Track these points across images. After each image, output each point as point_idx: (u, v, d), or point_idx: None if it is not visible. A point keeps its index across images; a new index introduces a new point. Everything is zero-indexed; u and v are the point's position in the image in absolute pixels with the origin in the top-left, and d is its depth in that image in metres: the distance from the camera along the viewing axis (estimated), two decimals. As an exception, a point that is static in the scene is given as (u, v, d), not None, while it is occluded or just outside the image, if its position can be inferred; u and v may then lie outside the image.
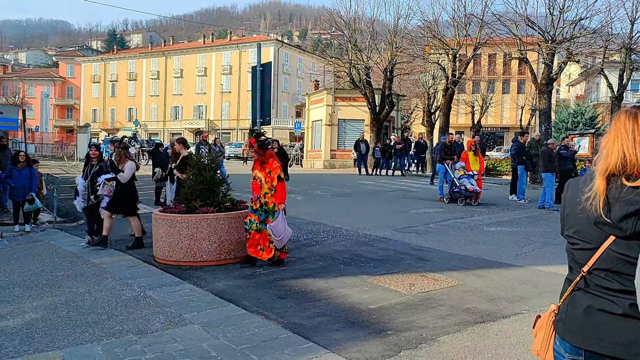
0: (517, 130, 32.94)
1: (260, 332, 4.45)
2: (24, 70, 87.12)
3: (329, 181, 19.67)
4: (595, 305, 1.64)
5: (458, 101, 39.75)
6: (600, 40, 20.57)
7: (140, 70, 71.28)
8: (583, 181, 1.73)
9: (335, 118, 28.78)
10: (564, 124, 33.65)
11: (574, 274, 1.73)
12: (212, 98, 65.62)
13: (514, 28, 19.88)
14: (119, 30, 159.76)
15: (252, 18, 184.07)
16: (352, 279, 6.19)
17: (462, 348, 4.13)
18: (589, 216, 1.63)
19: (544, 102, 19.38)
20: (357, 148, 23.42)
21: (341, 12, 28.68)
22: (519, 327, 4.52)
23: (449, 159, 13.85)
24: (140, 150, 33.94)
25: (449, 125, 24.71)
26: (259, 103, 8.16)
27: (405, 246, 8.08)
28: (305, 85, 60.33)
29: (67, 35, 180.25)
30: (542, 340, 1.81)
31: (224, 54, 65.98)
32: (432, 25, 24.33)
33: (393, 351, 4.06)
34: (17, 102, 58.51)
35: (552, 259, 7.15)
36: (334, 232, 9.26)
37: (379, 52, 27.37)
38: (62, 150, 41.01)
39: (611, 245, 1.59)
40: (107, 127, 70.81)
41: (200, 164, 7.37)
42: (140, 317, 4.82)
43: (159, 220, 7.17)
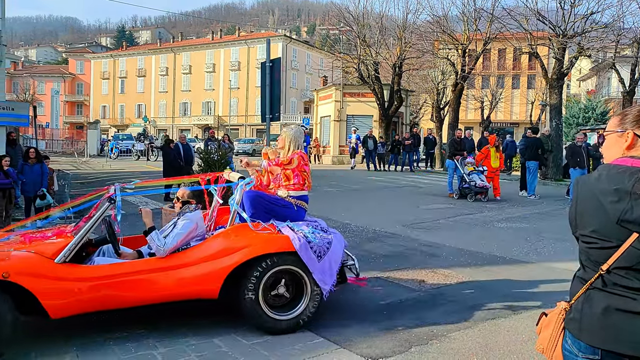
0: (527, 125, 32.73)
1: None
2: (34, 67, 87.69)
3: (337, 177, 19.65)
4: (613, 304, 1.61)
5: (467, 97, 39.53)
6: (612, 34, 20.36)
7: (149, 66, 71.51)
8: (597, 178, 1.69)
9: (343, 114, 28.71)
10: (575, 119, 33.43)
11: (589, 273, 1.70)
12: (221, 94, 65.72)
13: (524, 22, 19.70)
14: (128, 26, 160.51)
15: (260, 14, 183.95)
16: (362, 274, 6.17)
17: (473, 344, 4.11)
18: (609, 214, 1.60)
19: (555, 97, 19.22)
20: (365, 144, 23.40)
21: (350, 8, 28.60)
22: (530, 324, 4.49)
23: (459, 155, 13.79)
24: (149, 146, 34.13)
25: (458, 120, 24.59)
26: (268, 99, 8.15)
27: (415, 242, 8.06)
28: (313, 81, 60.25)
29: (77, 32, 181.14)
30: (549, 338, 1.79)
31: (233, 50, 66.02)
32: (441, 20, 24.18)
33: (404, 347, 4.05)
34: (27, 98, 58.95)
35: (563, 255, 7.10)
36: (343, 227, 9.25)
37: (388, 47, 27.24)
38: (72, 147, 41.26)
39: (634, 243, 1.56)
40: (117, 124, 71.19)
41: (210, 160, 7.39)
42: (150, 311, 4.84)
43: (169, 216, 7.18)
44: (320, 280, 4.36)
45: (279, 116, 8.34)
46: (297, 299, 4.40)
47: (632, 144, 1.71)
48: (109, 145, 37.30)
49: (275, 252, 4.25)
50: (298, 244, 4.24)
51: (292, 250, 4.24)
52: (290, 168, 4.67)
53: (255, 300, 4.18)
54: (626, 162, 1.66)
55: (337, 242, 4.61)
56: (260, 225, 4.41)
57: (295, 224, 4.53)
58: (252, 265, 4.18)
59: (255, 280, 4.17)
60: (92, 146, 38.31)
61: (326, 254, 4.40)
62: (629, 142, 1.71)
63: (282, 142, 4.89)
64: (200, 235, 4.64)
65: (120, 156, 35.40)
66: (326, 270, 4.41)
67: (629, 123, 1.73)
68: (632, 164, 1.64)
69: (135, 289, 4.08)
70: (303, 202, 4.78)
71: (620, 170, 1.64)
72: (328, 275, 4.42)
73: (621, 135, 1.74)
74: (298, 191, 4.71)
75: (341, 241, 4.74)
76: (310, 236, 4.37)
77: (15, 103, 20.65)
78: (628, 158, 1.68)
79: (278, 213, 4.63)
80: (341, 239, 4.77)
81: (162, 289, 4.15)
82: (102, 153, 37.98)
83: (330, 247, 4.45)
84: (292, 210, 4.65)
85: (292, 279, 4.39)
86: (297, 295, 4.42)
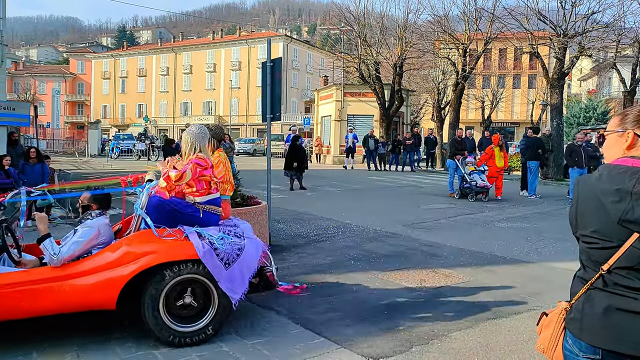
0: (527, 125, 32.73)
1: (271, 327, 4.46)
2: (35, 67, 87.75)
3: (338, 177, 19.65)
4: (614, 304, 1.61)
5: (468, 96, 39.56)
6: (613, 34, 20.34)
7: (150, 66, 71.53)
8: (597, 178, 1.69)
9: (344, 114, 28.71)
10: (576, 119, 33.42)
11: (589, 273, 1.70)
12: (222, 94, 65.74)
13: (525, 22, 19.69)
14: (128, 26, 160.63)
15: (261, 14, 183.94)
16: (363, 274, 6.18)
17: (473, 344, 4.11)
18: (610, 214, 1.60)
19: (556, 97, 19.22)
20: (365, 144, 23.38)
21: (350, 7, 28.64)
22: (531, 324, 4.49)
23: (460, 155, 13.79)
24: (150, 146, 34.14)
25: (459, 120, 24.59)
26: (269, 99, 8.14)
27: (415, 242, 8.06)
28: (314, 81, 60.24)
29: (78, 32, 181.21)
30: (549, 338, 1.79)
31: (233, 49, 66.03)
32: (442, 20, 24.19)
33: (404, 347, 4.05)
34: (28, 98, 58.99)
35: (563, 255, 7.10)
36: (343, 227, 9.26)
37: (389, 47, 27.24)
38: (73, 147, 41.28)
39: (635, 242, 1.56)
40: (118, 123, 71.22)
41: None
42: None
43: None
44: (228, 289, 4.08)
45: (279, 116, 8.33)
46: (207, 309, 4.16)
47: (633, 144, 1.71)
48: (109, 145, 37.29)
49: (178, 260, 4.00)
50: (202, 251, 3.99)
51: (197, 258, 3.99)
52: (182, 183, 4.26)
53: (155, 310, 3.95)
54: (627, 162, 1.66)
55: (251, 248, 4.33)
56: (165, 231, 4.11)
57: (205, 229, 4.22)
58: (155, 273, 3.96)
59: (155, 290, 3.94)
60: (93, 146, 38.31)
61: (236, 261, 4.14)
62: (630, 142, 1.71)
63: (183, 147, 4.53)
64: (106, 242, 4.30)
65: (121, 156, 35.41)
66: (236, 278, 4.14)
67: (629, 123, 1.73)
68: (632, 164, 1.64)
69: (25, 299, 3.83)
70: (212, 206, 4.44)
71: (621, 170, 1.64)
72: (238, 284, 4.15)
73: (621, 135, 1.74)
74: (204, 196, 4.38)
75: (258, 247, 4.46)
76: (217, 242, 4.11)
77: (16, 103, 20.69)
78: (628, 158, 1.68)
79: (183, 219, 4.29)
80: (258, 245, 4.49)
81: (55, 300, 3.89)
82: (103, 153, 37.97)
83: (241, 254, 4.19)
84: (198, 216, 4.32)
85: (201, 288, 4.14)
86: (206, 306, 4.17)
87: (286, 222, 9.71)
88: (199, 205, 4.34)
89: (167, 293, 4.02)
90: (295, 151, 15.51)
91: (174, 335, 4.01)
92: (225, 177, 5.01)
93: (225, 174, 5.02)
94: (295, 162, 15.22)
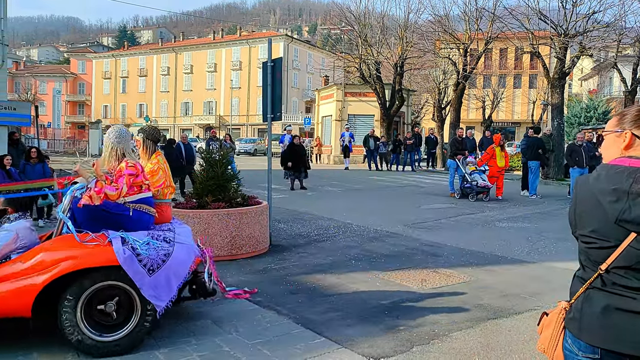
0: (528, 125, 32.74)
1: (272, 327, 4.46)
2: (36, 67, 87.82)
3: (338, 177, 19.66)
4: (613, 303, 1.62)
5: (469, 96, 39.54)
6: (614, 33, 20.33)
7: (150, 66, 71.56)
8: (595, 178, 1.70)
9: (345, 113, 28.70)
10: (577, 119, 33.38)
11: (588, 273, 1.71)
12: (222, 94, 65.76)
13: (526, 22, 19.68)
14: (129, 26, 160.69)
15: (262, 13, 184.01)
16: (364, 274, 6.19)
17: (474, 344, 4.12)
18: (608, 214, 1.61)
19: (557, 97, 19.21)
20: (366, 143, 23.36)
21: (351, 7, 28.67)
22: (532, 324, 4.49)
23: (460, 154, 13.78)
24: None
25: (459, 120, 24.59)
26: (269, 99, 8.15)
27: (416, 242, 8.06)
28: (315, 81, 60.25)
29: (78, 32, 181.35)
30: (549, 338, 1.80)
31: (234, 49, 66.05)
32: (443, 20, 24.20)
33: (405, 347, 4.06)
34: (29, 98, 59.04)
35: (564, 255, 7.09)
36: (344, 227, 9.26)
37: (389, 47, 27.24)
38: (74, 146, 41.31)
39: (632, 242, 1.56)
40: (118, 123, 71.12)
41: (211, 160, 7.39)
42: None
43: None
44: (151, 296, 3.91)
45: (280, 116, 8.33)
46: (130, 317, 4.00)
47: (630, 144, 1.71)
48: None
49: (98, 266, 3.84)
50: (122, 257, 3.81)
51: (118, 264, 3.82)
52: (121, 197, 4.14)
53: (72, 318, 3.79)
54: (624, 162, 1.66)
55: (180, 253, 4.14)
56: (88, 235, 3.94)
57: (131, 234, 4.04)
58: (74, 280, 3.80)
59: (73, 297, 3.79)
60: (94, 146, 38.28)
61: (161, 267, 3.96)
62: (627, 142, 1.72)
63: (104, 152, 4.37)
64: (27, 246, 4.12)
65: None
66: (161, 285, 3.96)
67: (627, 123, 1.74)
68: (630, 163, 1.65)
69: None
70: (144, 205, 4.29)
71: (619, 170, 1.65)
72: (164, 291, 3.98)
73: (619, 135, 1.74)
74: (135, 195, 4.23)
75: (189, 253, 4.27)
76: (140, 248, 3.93)
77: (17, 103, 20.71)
78: (626, 158, 1.68)
79: (113, 220, 4.13)
80: (190, 251, 4.30)
81: None
82: (104, 153, 37.99)
83: (167, 260, 4.01)
84: (127, 215, 4.18)
85: (125, 295, 3.98)
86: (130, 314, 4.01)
87: (287, 222, 9.71)
88: (129, 204, 4.21)
89: (89, 300, 3.86)
90: (292, 151, 15.54)
91: (90, 344, 3.83)
92: (166, 183, 4.84)
93: (166, 180, 4.85)
94: (290, 162, 15.29)
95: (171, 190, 4.93)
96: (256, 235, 7.22)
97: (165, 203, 4.82)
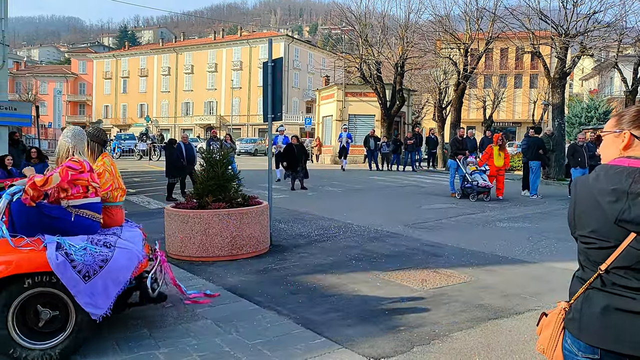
0: (529, 125, 32.73)
1: (272, 327, 4.46)
2: (37, 67, 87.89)
3: (339, 177, 19.65)
4: (612, 304, 1.62)
5: (469, 96, 39.53)
6: (614, 33, 20.31)
7: (151, 66, 71.60)
8: (595, 178, 1.70)
9: (345, 113, 28.70)
10: (578, 119, 33.38)
11: (587, 273, 1.71)
12: (223, 94, 65.80)
13: (526, 22, 19.68)
14: (130, 26, 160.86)
15: (263, 14, 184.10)
16: (364, 274, 6.19)
17: (475, 344, 4.11)
18: (607, 214, 1.61)
19: (557, 97, 19.20)
20: (366, 144, 23.34)
21: (352, 7, 28.82)
22: (532, 324, 4.49)
23: (461, 154, 13.77)
24: (151, 146, 34.17)
25: (460, 120, 24.58)
26: (270, 99, 8.15)
27: (417, 242, 8.05)
28: (315, 81, 60.26)
29: (79, 32, 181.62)
30: (549, 338, 1.80)
31: (235, 49, 66.09)
32: (443, 20, 24.20)
33: (406, 347, 4.05)
34: (30, 98, 59.11)
35: (565, 255, 7.09)
36: (345, 227, 9.26)
37: (390, 47, 27.25)
38: (74, 146, 41.25)
39: (632, 242, 1.56)
40: (119, 123, 71.29)
41: (212, 160, 7.39)
42: (153, 311, 4.86)
43: (172, 216, 7.21)
44: (87, 303, 3.77)
45: (281, 116, 8.33)
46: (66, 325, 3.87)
47: (629, 144, 1.72)
48: (111, 145, 37.37)
49: (30, 272, 3.69)
50: (55, 263, 3.67)
51: (50, 270, 3.68)
52: (48, 188, 4.02)
53: (2, 325, 3.67)
54: (623, 162, 1.67)
55: (120, 259, 3.98)
56: (23, 240, 3.81)
57: (67, 238, 3.91)
58: (4, 286, 3.68)
59: (4, 304, 3.68)
60: (95, 146, 38.30)
61: (98, 273, 3.82)
62: (626, 143, 1.72)
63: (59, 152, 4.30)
64: None
65: (122, 156, 35.49)
66: (98, 292, 3.81)
67: (625, 123, 1.74)
68: (629, 164, 1.65)
69: None
70: (88, 211, 4.18)
71: (618, 170, 1.65)
72: (101, 297, 3.83)
73: (618, 135, 1.75)
74: (79, 199, 4.14)
75: (131, 258, 4.09)
76: (76, 253, 3.79)
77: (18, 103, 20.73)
78: (625, 158, 1.68)
79: (52, 224, 4.02)
80: (132, 256, 4.12)
81: None
82: (105, 153, 37.98)
83: (105, 266, 3.87)
84: (68, 220, 4.08)
85: (62, 302, 3.85)
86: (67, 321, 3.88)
87: (287, 222, 9.71)
88: (72, 208, 4.10)
89: (22, 306, 3.76)
90: (288, 151, 15.60)
91: (20, 352, 3.71)
92: (114, 185, 4.71)
93: (114, 182, 4.72)
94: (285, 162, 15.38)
95: (121, 193, 4.79)
96: (256, 236, 7.22)
97: (114, 206, 4.70)
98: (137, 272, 4.20)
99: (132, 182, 17.77)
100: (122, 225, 4.72)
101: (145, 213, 11.30)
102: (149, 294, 4.26)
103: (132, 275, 4.08)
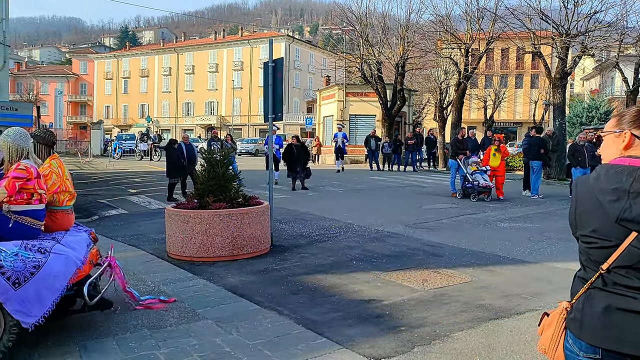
0: (530, 125, 32.72)
1: (273, 328, 4.46)
2: (38, 68, 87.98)
3: (339, 177, 19.65)
4: (614, 303, 1.61)
5: (470, 96, 39.50)
6: (615, 33, 20.29)
7: (152, 66, 71.66)
8: (595, 177, 1.70)
9: (346, 113, 28.70)
10: (579, 119, 33.34)
11: (589, 273, 1.70)
12: (224, 94, 65.83)
13: (527, 22, 19.66)
14: (131, 27, 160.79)
15: (263, 14, 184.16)
16: (365, 274, 6.18)
17: (476, 345, 4.11)
18: (608, 214, 1.60)
19: (558, 97, 19.18)
20: (367, 144, 23.30)
21: (352, 7, 28.81)
22: (533, 324, 4.48)
23: (462, 154, 13.76)
24: (152, 146, 34.18)
25: (461, 120, 24.58)
26: (270, 99, 8.14)
27: (417, 242, 8.05)
28: (316, 81, 60.26)
29: (80, 33, 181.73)
30: (550, 338, 1.80)
31: (235, 50, 66.12)
32: (444, 20, 24.21)
33: (406, 347, 4.05)
34: (31, 99, 59.15)
35: (566, 255, 7.07)
36: (345, 227, 9.25)
37: (391, 47, 27.25)
38: (76, 147, 41.35)
39: (633, 241, 1.56)
40: (120, 124, 71.36)
41: (212, 160, 7.39)
42: (154, 312, 4.86)
43: (172, 216, 7.21)
44: (17, 311, 3.65)
45: (281, 116, 8.34)
46: None
47: (630, 144, 1.72)
48: (112, 146, 37.39)
49: None
50: None
51: None
52: None
53: None
54: (624, 162, 1.67)
55: (56, 265, 3.85)
56: None
57: (0, 243, 3.82)
58: None
59: None
60: (96, 146, 38.37)
61: (29, 280, 3.70)
62: (627, 142, 1.72)
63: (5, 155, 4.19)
64: None
65: (123, 156, 35.51)
66: (30, 299, 3.70)
67: (626, 123, 1.74)
68: (629, 163, 1.65)
69: None
70: (28, 218, 4.06)
71: (619, 169, 1.65)
72: (35, 305, 3.72)
73: (618, 135, 1.75)
74: (21, 205, 4.02)
75: (68, 264, 3.95)
76: (5, 259, 3.67)
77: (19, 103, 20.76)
78: (626, 157, 1.69)
79: None
80: (70, 261, 3.98)
81: None
82: (106, 153, 38.05)
83: (37, 272, 3.74)
84: (6, 225, 3.96)
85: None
86: None
87: (288, 222, 9.71)
88: (11, 214, 3.99)
89: None
90: (288, 151, 15.65)
91: None
92: (61, 188, 4.52)
93: (61, 184, 4.52)
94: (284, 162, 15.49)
95: (69, 197, 4.59)
96: (257, 236, 7.22)
97: (60, 210, 4.52)
98: (76, 278, 4.06)
99: (133, 182, 17.79)
100: (69, 230, 4.53)
101: (146, 213, 11.31)
102: (86, 301, 4.14)
103: (69, 281, 3.97)
